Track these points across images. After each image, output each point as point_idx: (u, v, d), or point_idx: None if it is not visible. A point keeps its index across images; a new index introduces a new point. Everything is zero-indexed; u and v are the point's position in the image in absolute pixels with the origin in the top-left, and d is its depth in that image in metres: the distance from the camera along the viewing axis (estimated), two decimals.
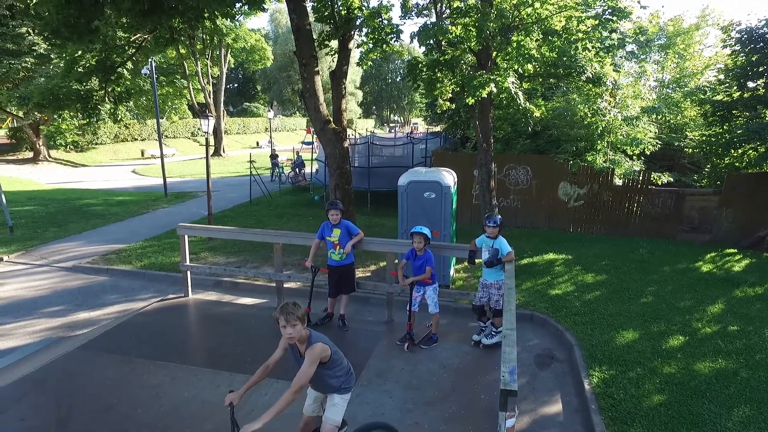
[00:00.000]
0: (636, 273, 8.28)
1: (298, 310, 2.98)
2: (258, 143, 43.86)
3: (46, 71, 21.29)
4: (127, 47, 10.67)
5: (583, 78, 8.27)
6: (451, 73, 8.51)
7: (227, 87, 45.83)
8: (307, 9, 8.78)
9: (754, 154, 10.98)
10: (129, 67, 11.38)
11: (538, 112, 8.85)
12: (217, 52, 31.59)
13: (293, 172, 19.31)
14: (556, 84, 11.99)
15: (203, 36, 27.73)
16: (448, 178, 7.42)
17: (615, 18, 7.65)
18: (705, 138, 13.01)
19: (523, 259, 8.93)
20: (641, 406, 4.52)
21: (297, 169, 19.22)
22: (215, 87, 32.35)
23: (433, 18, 8.82)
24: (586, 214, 11.51)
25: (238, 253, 9.34)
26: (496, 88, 7.06)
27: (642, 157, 12.43)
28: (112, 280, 8.21)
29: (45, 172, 24.16)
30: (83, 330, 6.22)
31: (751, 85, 11.73)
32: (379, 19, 8.83)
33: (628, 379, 4.98)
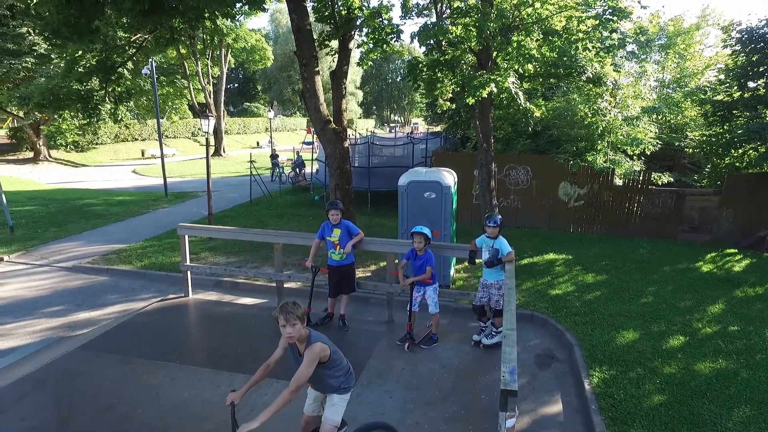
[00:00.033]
0: (636, 273, 8.28)
1: (298, 310, 2.97)
2: (258, 143, 43.89)
3: (46, 71, 21.31)
4: (127, 47, 10.68)
5: (584, 78, 8.28)
6: (452, 73, 8.52)
7: (227, 87, 45.83)
8: (308, 9, 8.78)
9: (755, 154, 10.97)
10: (129, 67, 11.40)
11: (539, 112, 8.85)
12: (217, 52, 31.60)
13: (293, 172, 19.31)
14: (557, 84, 11.99)
15: (204, 36, 27.76)
16: (449, 178, 7.42)
17: (615, 18, 7.65)
18: (705, 138, 13.01)
19: (523, 259, 8.93)
20: (641, 407, 4.52)
21: (297, 169, 19.22)
22: (215, 87, 32.37)
23: (433, 18, 8.82)
24: (587, 214, 11.51)
25: (239, 253, 9.34)
26: (497, 88, 7.06)
27: (642, 157, 12.43)
28: (113, 280, 8.22)
29: (45, 172, 24.17)
30: (83, 330, 6.22)
31: (751, 85, 11.73)
32: (380, 19, 8.83)
33: (628, 379, 4.98)
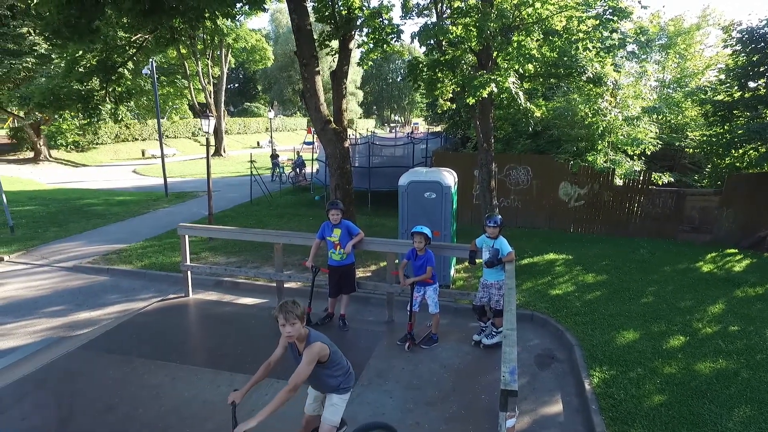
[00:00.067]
0: (636, 273, 8.28)
1: (297, 309, 2.97)
2: (258, 143, 43.92)
3: (46, 71, 21.32)
4: (127, 47, 10.69)
5: (584, 78, 8.27)
6: (452, 73, 8.51)
7: (228, 87, 45.88)
8: (308, 9, 8.78)
9: (755, 154, 10.96)
10: (130, 67, 11.39)
11: (539, 112, 8.85)
12: (217, 52, 31.61)
13: (294, 172, 19.32)
14: (557, 84, 11.99)
15: (204, 36, 27.76)
16: (449, 178, 7.42)
17: (616, 18, 7.65)
18: (706, 138, 13.00)
19: (523, 259, 8.93)
20: (642, 407, 4.52)
21: (297, 169, 19.23)
22: (216, 87, 32.38)
23: (433, 18, 8.81)
24: (587, 214, 11.51)
25: (239, 253, 9.34)
26: (497, 88, 7.06)
27: (643, 157, 12.42)
28: (113, 279, 8.22)
29: (46, 172, 24.19)
30: (84, 330, 6.22)
31: (752, 84, 11.72)
32: (380, 19, 8.83)
33: (628, 379, 4.98)
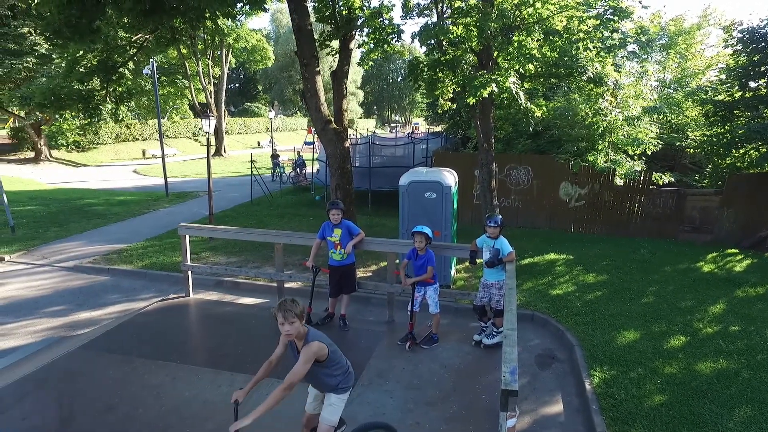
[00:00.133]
0: (637, 273, 8.27)
1: (296, 307, 2.95)
2: (259, 143, 43.95)
3: (47, 71, 21.35)
4: (128, 47, 10.68)
5: (585, 78, 8.27)
6: (452, 73, 8.51)
7: (228, 87, 45.92)
8: (309, 9, 8.78)
9: (756, 154, 10.95)
10: (130, 67, 11.39)
11: (539, 112, 8.84)
12: (218, 52, 31.63)
13: (294, 172, 19.33)
14: (558, 84, 11.99)
15: (204, 36, 27.77)
16: (449, 178, 7.42)
17: (616, 18, 7.64)
18: (706, 138, 12.99)
19: (524, 259, 8.92)
20: (642, 407, 4.52)
21: (298, 169, 19.24)
22: (216, 87, 32.40)
23: (434, 18, 8.81)
24: (587, 214, 11.50)
25: (239, 253, 9.35)
26: (498, 88, 7.05)
27: (643, 157, 12.41)
28: (114, 279, 8.22)
29: (46, 172, 24.20)
30: (84, 330, 6.23)
31: (752, 84, 11.72)
32: (380, 19, 8.83)
33: (629, 379, 4.97)
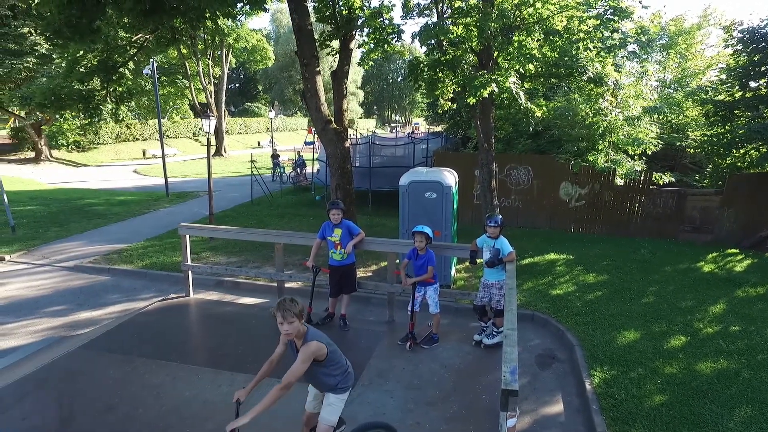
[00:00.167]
0: (637, 273, 8.27)
1: (295, 307, 2.94)
2: (259, 143, 43.98)
3: (47, 71, 21.35)
4: (128, 47, 10.68)
5: (585, 78, 8.27)
6: (453, 73, 8.51)
7: (228, 87, 45.92)
8: (309, 9, 8.77)
9: (756, 154, 10.95)
10: (130, 67, 11.39)
11: (540, 112, 8.84)
12: (218, 52, 31.64)
13: (294, 172, 19.34)
14: (558, 84, 11.98)
15: (205, 36, 27.79)
16: (450, 178, 7.41)
17: (616, 18, 7.64)
18: (707, 138, 13.00)
19: (524, 259, 8.92)
20: (643, 407, 4.51)
21: (298, 169, 19.24)
22: (216, 87, 32.41)
23: (434, 18, 8.81)
24: (588, 214, 11.50)
25: (240, 252, 9.35)
26: (498, 88, 7.05)
27: (643, 157, 12.41)
28: (114, 279, 8.23)
29: (47, 172, 24.21)
30: (85, 329, 6.23)
31: (753, 84, 11.72)
32: (381, 19, 8.83)
33: (629, 379, 4.97)
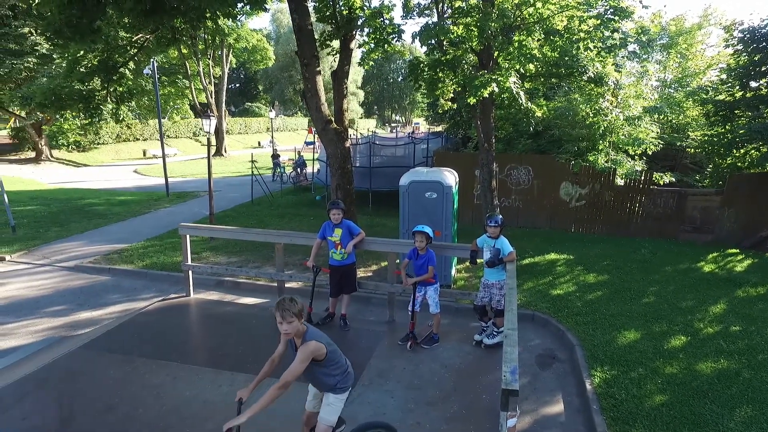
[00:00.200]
0: (638, 273, 8.26)
1: (295, 306, 2.93)
2: (260, 143, 44.00)
3: (48, 71, 21.35)
4: (129, 47, 10.69)
5: (585, 78, 8.27)
6: (453, 73, 8.51)
7: (229, 87, 45.92)
8: (309, 9, 8.77)
9: (757, 154, 10.94)
10: (131, 67, 11.39)
11: (540, 112, 8.84)
12: (218, 52, 31.64)
13: (295, 172, 19.35)
14: (558, 84, 11.99)
15: (205, 36, 27.79)
16: (450, 178, 7.41)
17: (617, 18, 7.64)
18: (707, 138, 13.00)
19: (524, 259, 8.92)
20: (643, 407, 4.51)
21: (299, 169, 19.25)
22: (217, 87, 32.41)
23: (434, 18, 8.81)
24: (588, 214, 11.50)
25: (240, 252, 9.35)
26: (498, 88, 7.05)
27: (644, 157, 12.41)
28: (114, 279, 8.23)
29: (47, 172, 24.22)
30: (85, 329, 6.23)
31: (753, 84, 11.71)
32: (381, 19, 8.83)
33: (629, 379, 4.97)
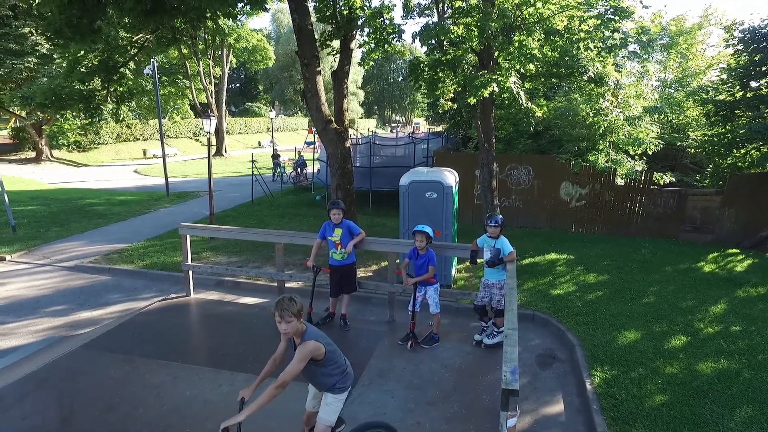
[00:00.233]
0: (638, 273, 8.26)
1: (293, 306, 2.92)
2: (260, 143, 44.00)
3: (48, 71, 21.36)
4: (129, 47, 10.69)
5: (585, 78, 8.26)
6: (453, 73, 8.51)
7: (229, 87, 45.89)
8: (309, 9, 8.78)
9: (757, 154, 10.94)
10: (131, 67, 11.40)
11: (540, 112, 8.83)
12: (219, 52, 31.64)
13: (295, 172, 19.35)
14: (558, 84, 11.98)
15: (205, 36, 27.79)
16: (450, 178, 7.41)
17: (617, 18, 7.64)
18: (707, 138, 12.98)
19: (524, 259, 8.92)
20: (643, 407, 4.51)
21: (299, 169, 19.26)
22: (217, 87, 32.41)
23: (434, 18, 8.80)
24: (588, 214, 11.49)
25: (240, 252, 9.35)
26: (498, 88, 7.05)
27: (644, 157, 12.40)
28: (115, 279, 8.23)
29: (47, 172, 24.22)
30: (85, 329, 6.23)
31: (753, 84, 11.71)
32: (381, 18, 8.82)
33: (630, 379, 4.97)
